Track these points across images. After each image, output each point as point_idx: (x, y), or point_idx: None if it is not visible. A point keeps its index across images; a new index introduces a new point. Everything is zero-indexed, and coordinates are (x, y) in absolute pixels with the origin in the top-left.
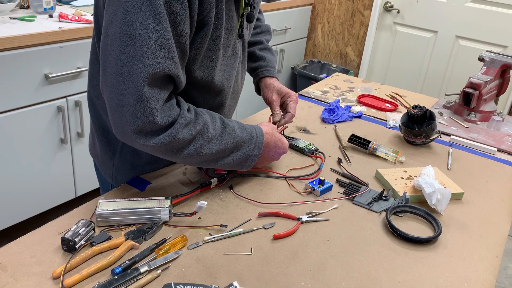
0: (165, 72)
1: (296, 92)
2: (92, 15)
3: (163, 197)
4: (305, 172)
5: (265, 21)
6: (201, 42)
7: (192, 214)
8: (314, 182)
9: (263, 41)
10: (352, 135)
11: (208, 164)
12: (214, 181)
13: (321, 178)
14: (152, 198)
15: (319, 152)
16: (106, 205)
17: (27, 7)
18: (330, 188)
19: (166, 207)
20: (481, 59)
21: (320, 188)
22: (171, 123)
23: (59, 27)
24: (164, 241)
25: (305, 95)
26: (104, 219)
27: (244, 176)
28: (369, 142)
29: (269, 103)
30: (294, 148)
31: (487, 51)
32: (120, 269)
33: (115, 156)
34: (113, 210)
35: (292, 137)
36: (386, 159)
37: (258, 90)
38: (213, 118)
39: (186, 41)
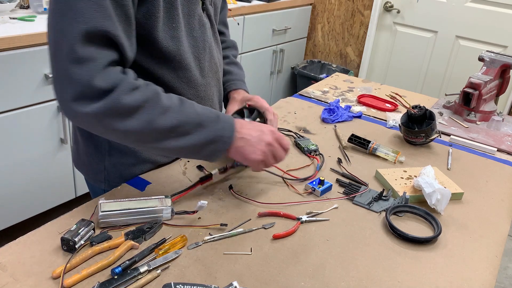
0: (101, 29)
1: (296, 93)
2: None
3: (163, 196)
4: (302, 172)
5: (265, 22)
6: (153, 8)
7: (193, 212)
8: (314, 183)
9: (229, 56)
10: (352, 135)
11: (170, 144)
12: (215, 172)
13: (321, 178)
14: (153, 197)
15: (319, 153)
16: (108, 206)
17: (27, 7)
18: (330, 188)
19: (168, 206)
20: (481, 59)
21: (320, 188)
22: (113, 86)
23: None
24: (164, 241)
25: (305, 95)
26: (107, 220)
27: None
28: (369, 142)
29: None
30: (297, 146)
31: (487, 51)
32: (120, 269)
33: (105, 159)
34: (116, 210)
35: (302, 136)
36: (386, 159)
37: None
38: (168, 92)
39: (129, 3)
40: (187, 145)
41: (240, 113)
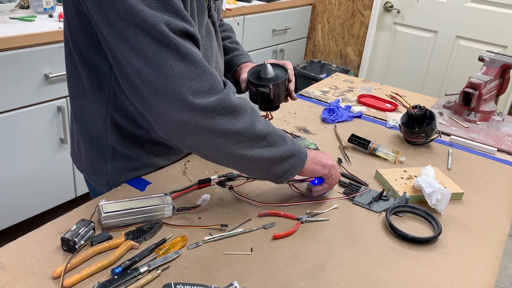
0: (179, 26)
1: (296, 92)
2: None
3: (162, 194)
4: None
5: (265, 22)
6: None
7: (195, 207)
8: (316, 182)
9: (231, 36)
10: (352, 135)
11: (257, 153)
12: (214, 178)
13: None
14: (153, 195)
15: None
16: (110, 207)
17: (27, 7)
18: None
19: (170, 203)
20: (481, 59)
21: None
22: (223, 84)
23: (59, 27)
24: (164, 241)
25: (305, 95)
26: (110, 221)
27: (244, 177)
28: (369, 142)
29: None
30: None
31: (487, 51)
32: (120, 269)
33: (107, 163)
34: (119, 211)
35: (298, 136)
36: (386, 159)
37: (237, 86)
38: None
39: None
40: (272, 156)
41: (259, 67)
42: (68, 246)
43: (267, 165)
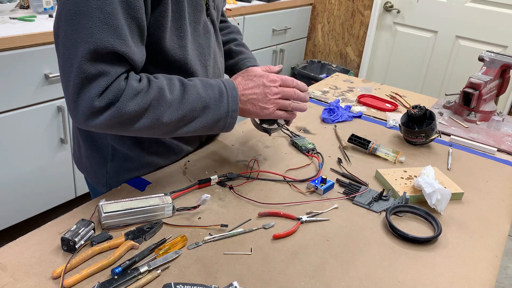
0: (109, 49)
1: None
2: None
3: (162, 194)
4: (302, 171)
5: (265, 22)
6: (162, 18)
7: (195, 207)
8: (317, 181)
9: (237, 38)
10: (352, 135)
11: (182, 131)
12: (214, 178)
13: (323, 176)
14: (152, 195)
15: (317, 152)
16: (110, 207)
17: (27, 7)
18: (332, 186)
19: (170, 203)
20: (481, 59)
21: (323, 187)
22: (114, 99)
23: None
24: (164, 241)
25: None
26: (110, 221)
27: (245, 177)
28: (369, 142)
29: None
30: (294, 145)
31: (487, 51)
32: (120, 269)
33: (107, 163)
34: (119, 211)
35: (297, 135)
36: (386, 159)
37: None
38: (170, 81)
39: (142, 15)
40: (198, 128)
41: None
42: (68, 246)
43: (197, 133)
